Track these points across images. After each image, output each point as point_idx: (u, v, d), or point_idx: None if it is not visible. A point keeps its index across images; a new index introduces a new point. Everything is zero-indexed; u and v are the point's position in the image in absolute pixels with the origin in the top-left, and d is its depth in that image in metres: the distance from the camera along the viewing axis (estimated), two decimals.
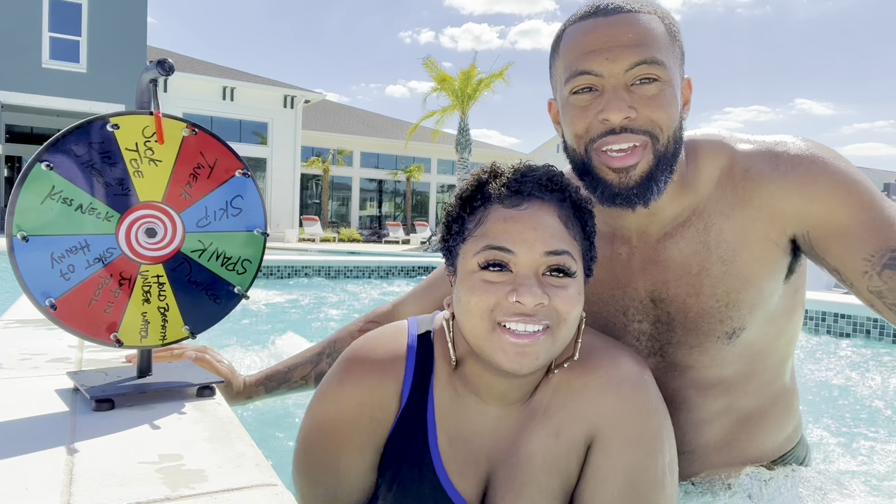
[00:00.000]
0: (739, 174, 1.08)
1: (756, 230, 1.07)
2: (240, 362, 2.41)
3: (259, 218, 1.19)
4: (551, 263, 0.86)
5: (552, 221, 0.88)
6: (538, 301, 0.83)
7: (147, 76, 1.08)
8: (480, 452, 0.97)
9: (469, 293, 0.87)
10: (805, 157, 1.06)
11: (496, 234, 0.87)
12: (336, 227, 27.18)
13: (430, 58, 21.99)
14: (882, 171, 68.69)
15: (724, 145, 1.11)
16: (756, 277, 1.09)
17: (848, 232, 1.02)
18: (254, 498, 0.73)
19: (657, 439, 0.94)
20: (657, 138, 0.99)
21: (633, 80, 0.97)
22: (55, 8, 17.57)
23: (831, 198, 1.03)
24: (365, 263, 7.39)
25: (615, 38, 0.96)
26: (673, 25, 1.02)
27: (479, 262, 0.87)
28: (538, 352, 0.85)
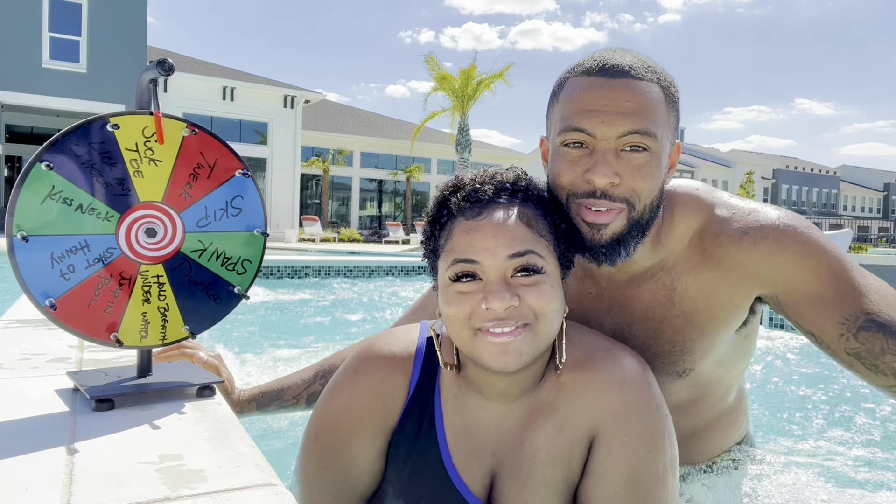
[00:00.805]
0: (710, 238, 1.11)
1: (720, 293, 1.12)
2: (239, 362, 2.41)
3: (259, 218, 1.19)
4: (517, 265, 0.89)
5: (513, 224, 0.91)
6: (507, 304, 0.87)
7: (147, 76, 1.08)
8: (485, 447, 1.00)
9: (447, 305, 0.92)
10: (775, 227, 1.08)
11: (461, 247, 0.91)
12: (336, 227, 27.18)
13: (432, 55, 22.02)
14: (882, 171, 68.67)
15: (699, 205, 1.14)
16: (713, 332, 1.15)
17: (821, 298, 1.05)
18: (254, 498, 0.73)
19: (658, 437, 0.96)
20: (634, 206, 1.02)
21: (623, 146, 0.99)
22: (55, 8, 17.57)
23: (801, 267, 1.06)
24: (365, 263, 7.39)
25: (614, 103, 0.98)
26: (673, 92, 1.05)
27: (450, 276, 0.92)
28: (521, 348, 0.89)
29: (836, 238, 5.97)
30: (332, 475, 1.06)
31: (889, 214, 62.59)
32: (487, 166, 1.06)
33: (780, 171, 56.86)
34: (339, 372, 1.10)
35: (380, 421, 1.04)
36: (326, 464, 1.06)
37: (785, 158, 63.32)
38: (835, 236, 6.03)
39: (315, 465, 1.08)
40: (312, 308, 4.92)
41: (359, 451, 1.05)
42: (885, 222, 38.64)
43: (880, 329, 1.01)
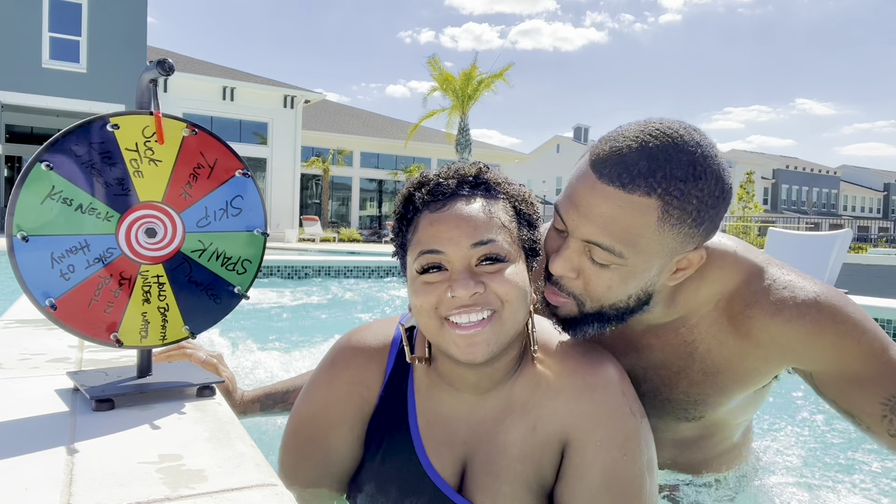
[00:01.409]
0: (740, 306, 1.05)
1: (746, 362, 1.08)
2: (239, 362, 2.41)
3: (259, 218, 1.19)
4: (480, 254, 0.91)
5: (476, 214, 0.93)
6: (472, 291, 0.89)
7: (147, 76, 1.08)
8: (457, 436, 1.03)
9: (415, 296, 0.94)
10: (813, 305, 1.03)
11: (426, 238, 0.93)
12: (336, 227, 27.17)
13: (436, 56, 22.03)
14: (882, 171, 68.65)
15: (733, 269, 1.07)
16: (731, 391, 1.12)
17: (860, 378, 1.01)
18: (254, 498, 0.73)
19: (632, 440, 0.97)
20: (583, 303, 1.00)
21: (587, 251, 0.96)
22: (55, 8, 17.57)
23: (839, 348, 1.02)
24: (365, 263, 7.39)
25: (590, 206, 0.93)
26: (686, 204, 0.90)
27: (416, 269, 0.94)
28: (487, 338, 0.91)
29: (836, 238, 5.97)
30: (311, 465, 1.10)
31: (889, 214, 62.58)
32: None
33: (780, 171, 56.85)
34: (317, 366, 1.15)
35: (356, 410, 1.08)
36: (305, 455, 1.10)
37: (785, 158, 63.30)
38: (835, 236, 6.03)
39: (294, 457, 1.11)
40: (312, 308, 4.92)
41: (337, 441, 1.09)
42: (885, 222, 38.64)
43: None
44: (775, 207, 54.85)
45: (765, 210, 38.40)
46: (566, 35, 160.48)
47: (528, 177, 46.27)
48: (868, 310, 3.48)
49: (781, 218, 31.24)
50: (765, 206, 48.95)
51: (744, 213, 21.08)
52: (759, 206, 24.44)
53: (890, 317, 3.38)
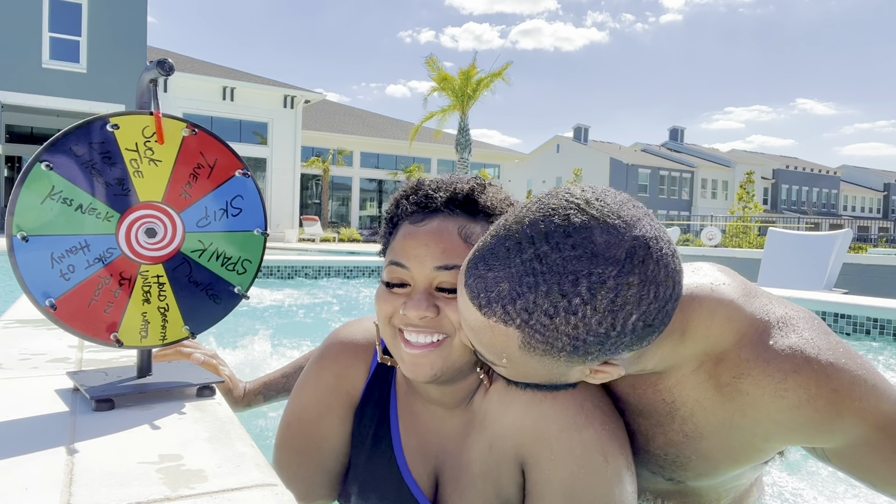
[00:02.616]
0: (728, 377, 0.89)
1: (739, 436, 0.93)
2: (239, 363, 2.41)
3: (259, 218, 1.19)
4: (442, 280, 0.89)
5: (449, 237, 0.89)
6: (422, 315, 0.87)
7: (147, 76, 1.08)
8: (430, 447, 1.03)
9: (377, 301, 0.95)
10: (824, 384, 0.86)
11: (397, 249, 0.92)
12: (336, 227, 27.17)
13: (433, 56, 22.02)
14: (882, 171, 68.62)
15: (720, 327, 0.89)
16: (720, 463, 0.98)
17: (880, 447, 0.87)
18: (253, 498, 0.73)
19: (589, 453, 0.90)
20: None
21: None
22: (55, 8, 17.57)
23: (860, 426, 0.86)
24: (365, 263, 7.39)
25: (461, 311, 0.82)
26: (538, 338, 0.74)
27: (384, 278, 0.94)
28: (433, 362, 0.89)
29: (836, 238, 5.97)
30: (305, 460, 1.10)
31: (889, 214, 62.56)
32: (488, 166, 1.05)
33: (781, 171, 56.85)
34: (309, 362, 1.16)
35: (344, 402, 1.09)
36: (299, 450, 1.11)
37: (785, 158, 63.29)
38: (835, 236, 6.03)
39: (287, 452, 1.12)
40: (312, 308, 4.92)
41: (328, 432, 1.10)
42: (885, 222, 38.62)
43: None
44: (775, 207, 54.85)
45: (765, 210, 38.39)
46: (567, 35, 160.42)
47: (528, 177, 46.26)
48: (868, 310, 3.47)
49: (781, 218, 31.24)
50: (765, 206, 48.97)
51: (744, 213, 21.08)
52: (759, 206, 24.43)
53: (890, 317, 3.38)
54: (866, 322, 3.49)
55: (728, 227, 19.94)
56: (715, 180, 51.17)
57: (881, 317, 3.43)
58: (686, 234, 20.70)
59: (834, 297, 3.93)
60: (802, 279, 5.73)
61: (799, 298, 3.79)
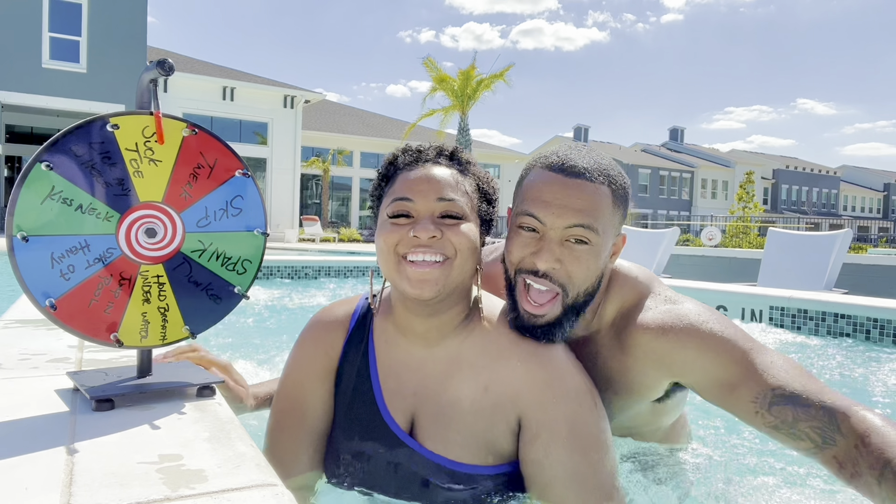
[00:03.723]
0: (624, 325, 1.22)
1: (630, 375, 1.22)
2: (239, 363, 2.41)
3: (259, 218, 1.19)
4: (443, 208, 1.07)
5: (445, 177, 1.10)
6: (431, 234, 1.04)
7: (147, 76, 1.08)
8: (408, 387, 1.15)
9: (380, 235, 1.09)
10: (679, 321, 1.17)
11: (400, 189, 1.10)
12: (336, 227, 27.17)
13: (430, 57, 21.99)
14: (882, 171, 68.66)
15: (629, 290, 1.25)
16: (626, 400, 1.26)
17: (729, 384, 1.13)
18: (253, 498, 0.73)
19: (583, 394, 1.09)
20: (567, 292, 1.14)
21: (567, 237, 1.11)
22: (55, 8, 17.57)
23: (704, 360, 1.14)
24: (365, 263, 7.39)
25: (566, 199, 1.10)
26: (622, 192, 1.16)
27: (388, 213, 1.09)
28: (437, 278, 1.04)
29: (836, 238, 5.97)
30: (290, 422, 1.21)
31: (889, 214, 62.56)
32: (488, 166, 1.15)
33: (780, 171, 56.86)
34: None
35: (324, 365, 1.22)
36: (286, 411, 1.22)
37: (785, 158, 63.30)
38: (835, 236, 6.03)
39: (276, 417, 1.24)
40: (312, 308, 4.92)
41: (312, 397, 1.22)
42: (885, 222, 38.61)
43: (788, 402, 1.08)
44: (775, 207, 54.86)
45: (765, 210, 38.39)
46: (568, 35, 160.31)
47: None
48: (868, 310, 3.46)
49: (781, 218, 31.24)
50: (765, 207, 48.95)
51: (744, 214, 21.07)
52: (759, 206, 24.43)
53: (890, 317, 3.38)
54: (866, 322, 3.49)
55: (728, 227, 19.93)
56: (715, 180, 51.17)
57: (881, 317, 3.42)
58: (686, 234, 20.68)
59: (834, 297, 3.93)
60: (802, 279, 5.72)
61: (799, 298, 3.80)
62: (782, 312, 3.82)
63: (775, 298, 3.88)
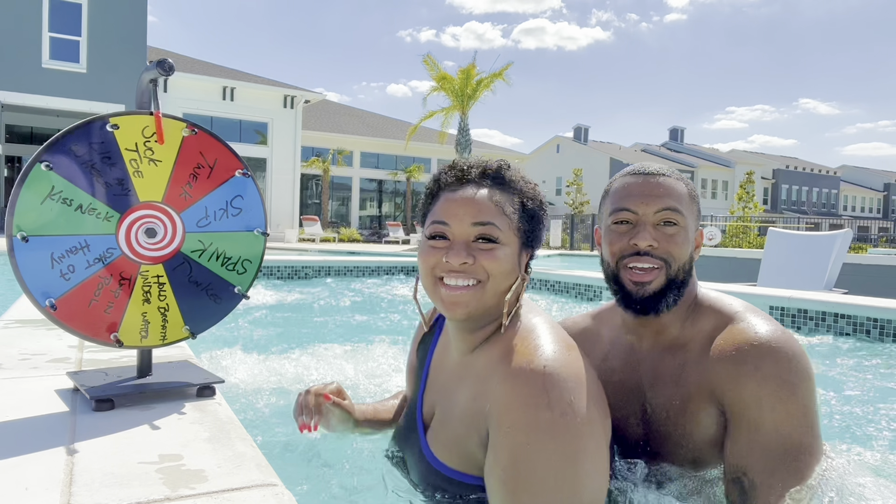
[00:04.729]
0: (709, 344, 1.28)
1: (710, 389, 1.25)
2: (239, 363, 2.41)
3: (259, 218, 1.19)
4: (478, 233, 1.10)
5: (483, 200, 1.12)
6: (462, 260, 1.08)
7: (147, 76, 1.08)
8: (437, 385, 1.25)
9: (419, 256, 1.15)
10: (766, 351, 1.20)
11: (439, 211, 1.13)
12: (336, 227, 27.17)
13: (430, 55, 21.98)
14: (882, 171, 68.67)
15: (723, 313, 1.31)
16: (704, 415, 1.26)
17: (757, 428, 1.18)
18: (253, 498, 0.73)
19: (539, 431, 1.00)
20: (670, 265, 1.29)
21: (659, 221, 1.28)
22: (55, 8, 17.57)
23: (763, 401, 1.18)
24: (365, 263, 7.39)
25: (651, 190, 1.29)
26: (693, 191, 1.35)
27: (426, 234, 1.14)
28: (468, 301, 1.09)
29: (836, 238, 5.97)
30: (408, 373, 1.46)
31: (889, 214, 62.54)
32: None
33: (780, 171, 56.86)
34: None
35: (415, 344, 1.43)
36: None
37: (785, 158, 63.29)
38: (835, 236, 6.03)
39: None
40: (312, 308, 4.92)
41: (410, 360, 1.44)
42: (885, 222, 38.56)
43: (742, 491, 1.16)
44: (775, 207, 54.85)
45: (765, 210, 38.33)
46: (571, 34, 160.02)
47: None
48: (868, 310, 3.46)
49: (781, 218, 31.22)
50: (765, 206, 48.96)
51: (744, 213, 21.07)
52: (759, 206, 24.43)
53: (890, 317, 3.38)
54: (866, 322, 3.49)
55: (728, 227, 19.93)
56: (715, 180, 51.15)
57: (881, 317, 3.43)
58: None
59: (834, 297, 3.93)
60: (802, 279, 5.72)
61: (799, 298, 3.79)
62: (782, 312, 3.82)
63: (775, 298, 3.88)
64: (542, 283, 5.93)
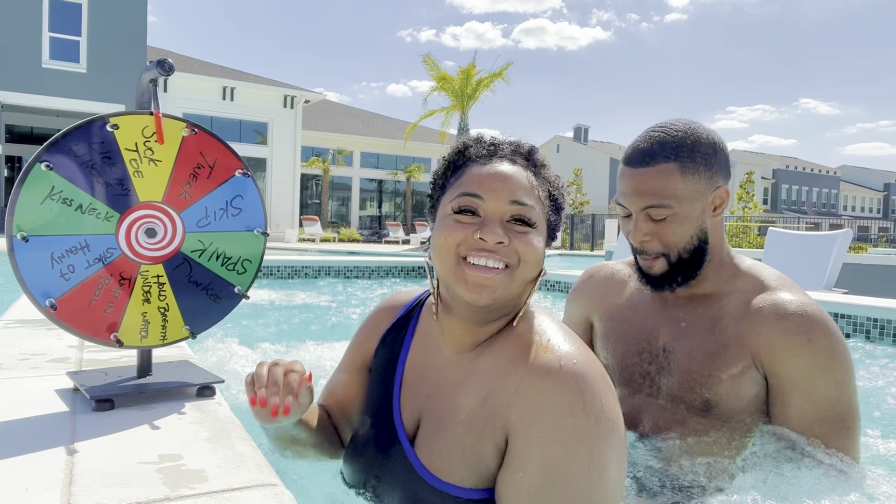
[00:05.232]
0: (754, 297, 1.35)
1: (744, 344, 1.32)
2: (238, 363, 2.41)
3: (259, 218, 1.19)
4: (515, 212, 0.99)
5: (521, 179, 1.02)
6: (499, 239, 0.96)
7: (147, 76, 1.08)
8: (423, 387, 1.10)
9: (440, 232, 1.01)
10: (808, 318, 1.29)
11: (470, 182, 1.01)
12: (336, 227, 27.18)
13: (430, 55, 21.99)
14: (882, 171, 68.63)
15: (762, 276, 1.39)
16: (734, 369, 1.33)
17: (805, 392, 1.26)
18: (253, 498, 0.73)
19: (578, 439, 0.92)
20: (668, 254, 1.35)
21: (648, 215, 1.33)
22: (55, 8, 17.58)
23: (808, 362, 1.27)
24: (365, 263, 7.39)
25: (636, 186, 1.33)
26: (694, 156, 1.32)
27: (453, 207, 1.01)
28: (496, 286, 0.97)
29: (836, 238, 5.97)
30: (336, 371, 1.27)
31: (889, 214, 62.53)
32: None
33: (780, 171, 56.85)
34: None
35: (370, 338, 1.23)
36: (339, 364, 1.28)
37: (785, 158, 63.30)
38: (835, 236, 6.03)
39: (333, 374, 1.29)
40: (312, 308, 4.92)
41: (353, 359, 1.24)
42: (885, 222, 38.56)
43: None
44: (775, 207, 54.84)
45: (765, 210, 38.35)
46: (571, 34, 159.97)
47: None
48: (868, 310, 3.44)
49: (781, 218, 31.21)
50: (765, 206, 48.93)
51: (744, 213, 21.08)
52: (759, 205, 24.43)
53: (890, 317, 3.38)
54: (866, 322, 3.49)
55: (728, 226, 19.94)
56: None
57: (881, 317, 3.42)
58: None
59: (834, 297, 3.93)
60: (802, 279, 5.72)
61: None
62: None
63: None
64: (543, 283, 5.93)
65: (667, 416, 1.40)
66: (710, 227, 1.36)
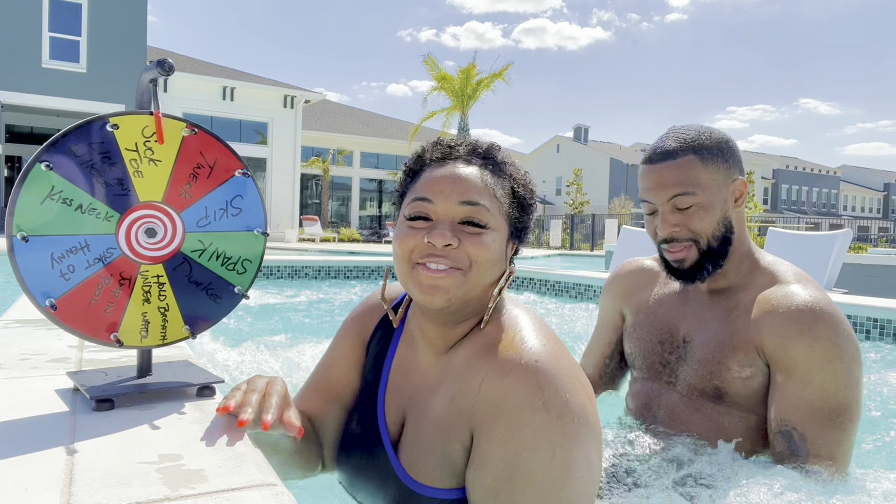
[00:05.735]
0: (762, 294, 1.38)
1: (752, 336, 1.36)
2: (238, 364, 2.41)
3: (259, 218, 1.19)
4: (465, 213, 0.98)
5: (473, 178, 1.00)
6: (446, 242, 0.95)
7: (147, 76, 1.08)
8: (405, 390, 1.10)
9: (395, 238, 1.02)
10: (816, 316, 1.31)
11: (422, 188, 1.01)
12: (336, 227, 27.19)
13: (430, 55, 22.00)
14: (882, 171, 68.62)
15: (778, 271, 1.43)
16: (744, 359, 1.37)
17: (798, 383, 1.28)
18: (254, 498, 0.73)
19: (539, 436, 0.90)
20: (698, 242, 1.40)
21: (675, 205, 1.38)
22: (55, 8, 17.58)
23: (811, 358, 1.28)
24: (365, 263, 7.39)
25: (660, 179, 1.40)
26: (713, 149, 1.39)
27: (405, 214, 1.01)
28: (448, 287, 0.96)
29: (836, 238, 5.97)
30: (320, 367, 1.25)
31: (889, 214, 62.54)
32: None
33: (780, 171, 56.86)
34: None
35: (359, 334, 1.22)
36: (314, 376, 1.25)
37: (785, 158, 63.32)
38: (835, 236, 6.03)
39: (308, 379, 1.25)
40: (312, 308, 4.92)
41: (341, 353, 1.22)
42: (885, 222, 38.57)
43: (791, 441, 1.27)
44: (775, 207, 54.86)
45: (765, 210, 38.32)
46: (571, 34, 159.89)
47: None
48: (868, 310, 3.46)
49: (781, 218, 31.22)
50: (765, 206, 48.93)
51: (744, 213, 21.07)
52: (759, 205, 24.43)
53: (890, 317, 3.38)
54: (866, 322, 3.49)
55: None
56: None
57: (881, 317, 3.43)
58: None
59: (834, 297, 3.93)
60: None
61: None
62: None
63: None
64: (542, 283, 5.93)
65: (682, 404, 1.45)
66: (734, 218, 1.42)
